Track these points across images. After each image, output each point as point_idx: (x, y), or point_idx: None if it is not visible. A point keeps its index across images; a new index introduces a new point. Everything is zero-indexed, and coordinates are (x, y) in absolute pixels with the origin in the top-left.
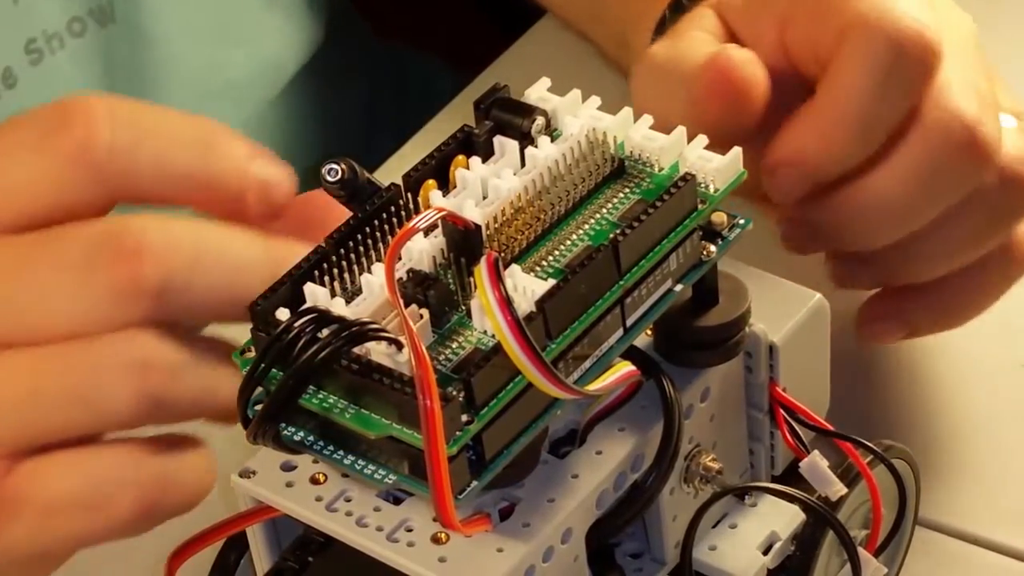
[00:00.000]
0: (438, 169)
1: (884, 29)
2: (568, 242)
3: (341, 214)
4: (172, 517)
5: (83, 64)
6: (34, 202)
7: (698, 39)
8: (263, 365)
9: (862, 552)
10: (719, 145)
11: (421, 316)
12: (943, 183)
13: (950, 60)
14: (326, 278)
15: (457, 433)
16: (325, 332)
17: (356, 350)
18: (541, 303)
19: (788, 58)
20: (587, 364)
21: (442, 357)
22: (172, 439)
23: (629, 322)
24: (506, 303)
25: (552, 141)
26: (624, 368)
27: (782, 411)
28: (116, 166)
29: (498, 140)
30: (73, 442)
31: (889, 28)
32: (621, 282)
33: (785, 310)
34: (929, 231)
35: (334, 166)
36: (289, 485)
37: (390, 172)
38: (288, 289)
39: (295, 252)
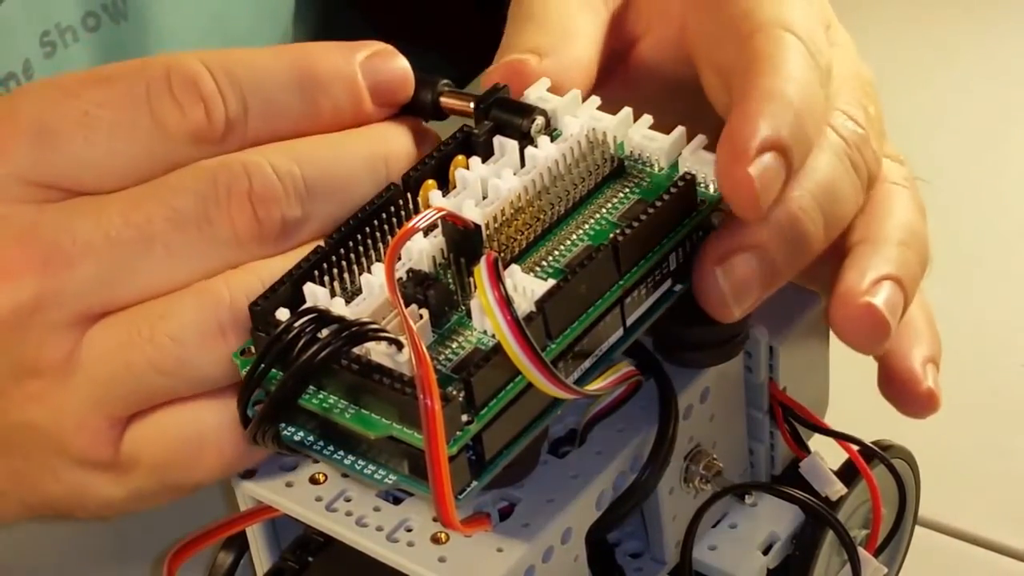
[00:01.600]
0: (438, 169)
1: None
2: (568, 242)
3: None
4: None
5: (96, 58)
6: (142, 172)
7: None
8: (263, 365)
9: (862, 552)
10: None
11: (421, 316)
12: None
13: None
14: (326, 278)
15: (457, 433)
16: (325, 332)
17: (356, 350)
18: (541, 303)
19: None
20: (587, 364)
21: (442, 357)
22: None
23: (629, 322)
24: (506, 303)
25: (552, 141)
26: (624, 368)
27: (782, 411)
28: (232, 138)
29: (498, 140)
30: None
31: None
32: (621, 282)
33: (785, 310)
34: None
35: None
36: (289, 485)
37: None
38: (288, 289)
39: (396, 137)
